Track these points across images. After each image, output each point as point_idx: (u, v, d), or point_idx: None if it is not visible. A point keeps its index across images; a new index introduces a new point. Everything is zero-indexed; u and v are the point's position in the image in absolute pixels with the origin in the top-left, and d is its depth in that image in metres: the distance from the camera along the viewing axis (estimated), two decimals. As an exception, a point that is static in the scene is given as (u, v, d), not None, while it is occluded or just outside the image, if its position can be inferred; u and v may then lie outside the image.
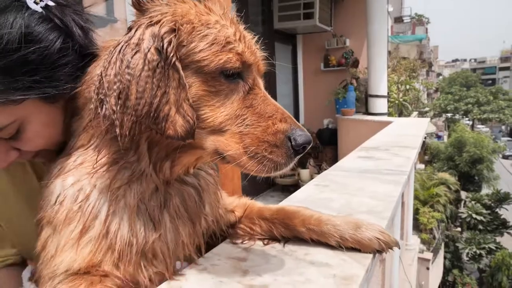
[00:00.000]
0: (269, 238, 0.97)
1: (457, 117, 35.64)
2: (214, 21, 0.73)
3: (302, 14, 6.56)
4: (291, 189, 6.05)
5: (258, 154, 0.72)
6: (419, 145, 3.11)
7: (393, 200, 1.38)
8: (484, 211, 16.62)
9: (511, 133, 52.59)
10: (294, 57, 7.78)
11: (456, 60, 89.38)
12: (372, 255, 0.89)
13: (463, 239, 15.82)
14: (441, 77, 52.05)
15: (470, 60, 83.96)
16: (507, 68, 71.22)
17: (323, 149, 6.94)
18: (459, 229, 17.14)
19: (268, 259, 0.88)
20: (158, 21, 0.69)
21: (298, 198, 1.44)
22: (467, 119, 38.02)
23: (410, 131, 3.97)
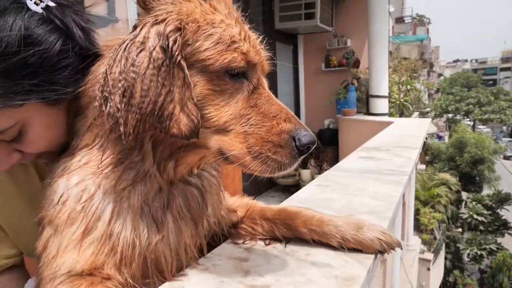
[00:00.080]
0: (271, 239, 0.97)
1: (458, 118, 35.56)
2: (219, 20, 0.73)
3: (303, 14, 6.55)
4: (292, 189, 6.06)
5: (262, 154, 0.72)
6: (420, 146, 3.10)
7: (394, 201, 1.38)
8: (485, 212, 16.62)
9: (512, 134, 52.53)
10: (295, 57, 7.77)
11: (457, 61, 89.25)
12: (374, 256, 0.89)
13: (464, 240, 15.82)
14: (442, 78, 51.96)
15: (471, 61, 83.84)
16: (508, 69, 71.08)
17: (324, 149, 6.94)
18: (460, 230, 17.14)
19: (270, 260, 0.88)
20: (164, 20, 0.69)
21: (300, 198, 1.43)
22: (468, 120, 37.96)
23: (411, 132, 3.96)
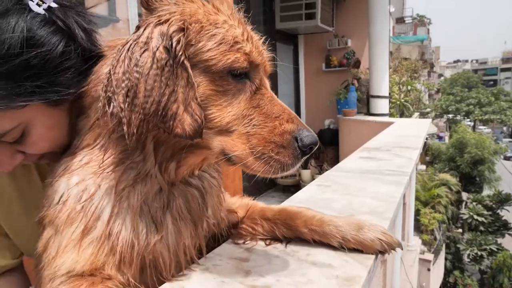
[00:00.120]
0: (271, 239, 0.97)
1: (459, 118, 35.56)
2: (222, 21, 0.73)
3: (304, 15, 6.57)
4: (292, 190, 6.06)
5: (265, 155, 0.72)
6: (421, 146, 3.10)
7: (395, 201, 1.38)
8: (485, 212, 16.61)
9: (513, 134, 52.50)
10: (296, 58, 7.78)
11: (458, 61, 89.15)
12: (374, 256, 0.89)
13: (464, 240, 15.81)
14: (443, 78, 51.94)
15: (472, 61, 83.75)
16: (509, 69, 71.04)
17: (325, 150, 6.94)
18: (460, 230, 17.13)
19: (270, 260, 0.88)
20: (167, 20, 0.69)
21: (300, 199, 1.43)
22: (469, 120, 37.95)
23: (412, 132, 3.96)
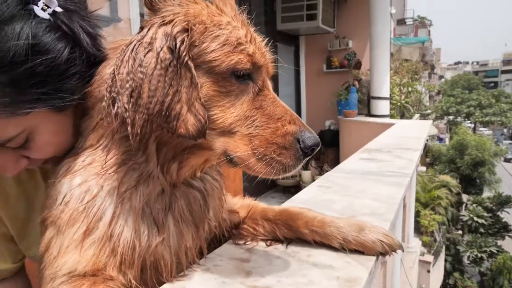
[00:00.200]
0: (272, 239, 0.97)
1: (459, 120, 35.52)
2: (226, 22, 0.73)
3: (305, 16, 6.57)
4: (292, 191, 6.07)
5: (267, 156, 0.72)
6: (422, 147, 3.10)
7: (396, 202, 1.38)
8: (486, 214, 16.60)
9: (513, 136, 52.44)
10: (297, 58, 7.78)
11: (459, 63, 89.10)
12: (375, 258, 0.89)
13: (464, 242, 15.79)
14: (443, 80, 51.90)
15: (473, 63, 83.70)
16: (510, 71, 71.03)
17: (325, 151, 6.94)
18: (460, 232, 17.10)
19: (271, 260, 0.88)
20: (171, 21, 0.69)
21: (301, 199, 1.43)
22: (469, 122, 37.93)
23: (413, 133, 3.96)
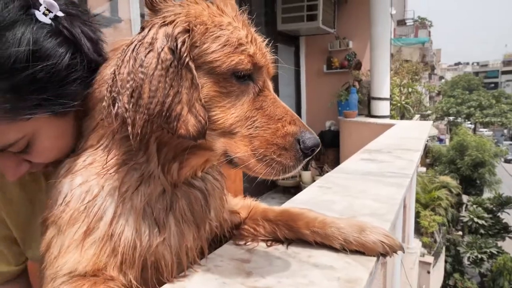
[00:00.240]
0: (273, 240, 0.97)
1: (459, 121, 35.53)
2: (227, 23, 0.73)
3: (306, 16, 6.57)
4: (292, 191, 6.06)
5: (267, 157, 0.72)
6: (422, 148, 3.10)
7: (396, 203, 1.38)
8: (486, 215, 16.58)
9: (514, 137, 52.41)
10: (297, 59, 7.78)
11: (459, 64, 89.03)
12: (376, 258, 0.89)
13: (464, 243, 15.78)
14: (444, 80, 51.86)
15: (473, 64, 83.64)
16: (510, 72, 71.00)
17: (325, 151, 6.94)
18: (461, 233, 17.08)
19: (272, 261, 0.88)
20: (172, 21, 0.69)
21: (301, 200, 1.43)
22: (469, 123, 37.95)
23: (413, 134, 3.95)
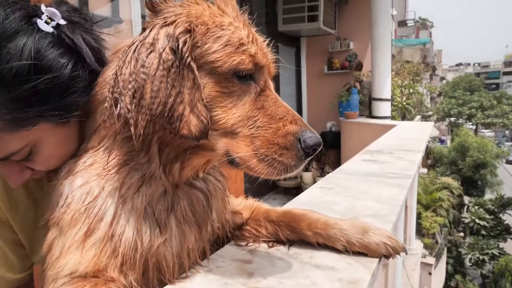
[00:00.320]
0: (274, 241, 0.97)
1: (461, 122, 35.50)
2: (228, 23, 0.73)
3: (307, 17, 6.57)
4: (293, 192, 6.05)
5: (268, 157, 0.72)
6: (423, 149, 3.10)
7: (398, 204, 1.37)
8: (487, 217, 16.54)
9: (515, 138, 52.27)
10: (298, 60, 7.78)
11: (460, 64, 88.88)
12: (378, 260, 0.88)
13: (466, 245, 15.73)
14: (445, 81, 51.81)
15: (474, 65, 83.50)
16: (511, 73, 70.90)
17: (326, 152, 6.93)
18: (462, 234, 17.04)
19: (273, 262, 0.88)
20: (173, 22, 0.69)
21: (303, 201, 1.43)
22: (471, 124, 37.88)
23: (414, 135, 3.95)
